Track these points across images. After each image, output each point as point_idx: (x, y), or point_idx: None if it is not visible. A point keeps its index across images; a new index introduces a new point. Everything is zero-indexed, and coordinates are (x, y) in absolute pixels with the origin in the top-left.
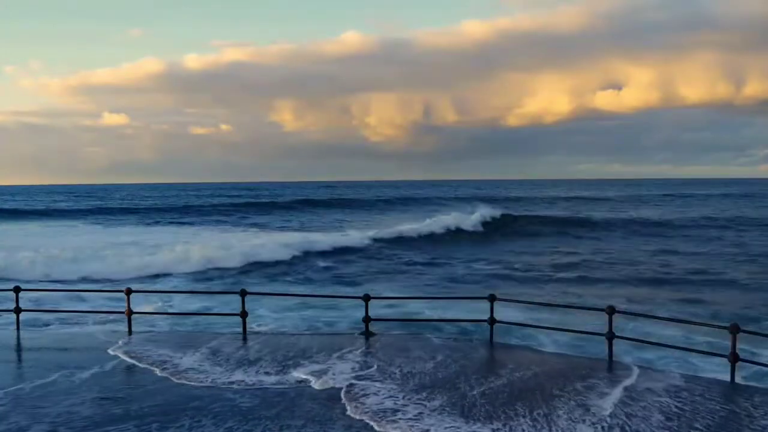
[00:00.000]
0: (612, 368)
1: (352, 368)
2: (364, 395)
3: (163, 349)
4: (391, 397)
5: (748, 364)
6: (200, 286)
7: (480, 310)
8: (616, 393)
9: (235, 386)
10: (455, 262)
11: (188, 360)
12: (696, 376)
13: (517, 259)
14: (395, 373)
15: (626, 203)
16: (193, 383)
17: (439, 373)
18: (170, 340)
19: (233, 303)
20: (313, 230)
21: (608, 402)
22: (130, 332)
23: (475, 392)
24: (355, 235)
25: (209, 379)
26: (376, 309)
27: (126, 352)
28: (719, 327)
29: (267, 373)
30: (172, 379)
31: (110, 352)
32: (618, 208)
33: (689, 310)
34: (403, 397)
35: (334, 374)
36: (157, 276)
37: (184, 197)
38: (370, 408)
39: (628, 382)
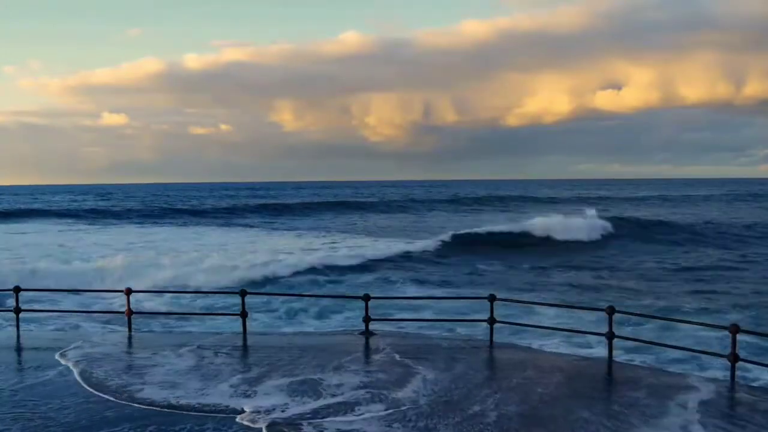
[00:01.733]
0: (635, 375)
1: (346, 384)
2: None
3: (141, 352)
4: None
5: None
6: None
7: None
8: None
9: (178, 412)
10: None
11: (154, 368)
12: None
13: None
14: (390, 389)
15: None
16: (123, 401)
17: (441, 386)
18: (160, 342)
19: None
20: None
21: None
22: (129, 332)
23: (486, 419)
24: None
25: (150, 398)
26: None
27: (84, 355)
28: (719, 327)
29: (234, 394)
30: (101, 395)
31: (57, 357)
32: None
33: None
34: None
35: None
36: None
37: (216, 198)
38: None
39: (674, 397)
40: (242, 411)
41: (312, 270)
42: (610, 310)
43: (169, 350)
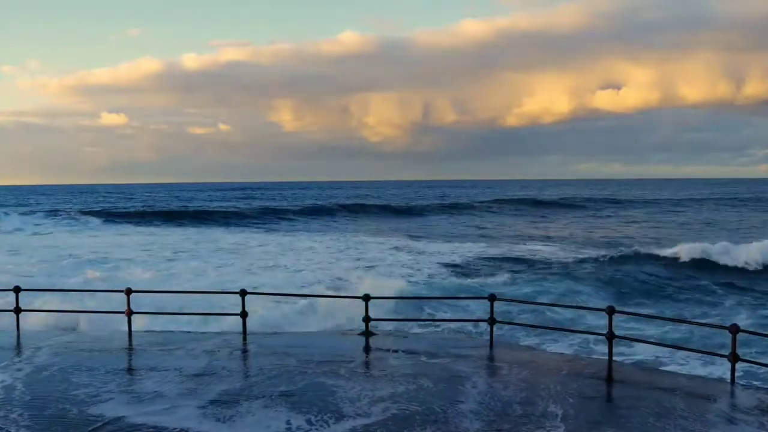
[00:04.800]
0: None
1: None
2: None
3: (123, 354)
4: None
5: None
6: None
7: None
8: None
9: None
10: None
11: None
12: None
13: None
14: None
15: None
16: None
17: (445, 401)
18: (155, 342)
19: None
20: None
21: None
22: (129, 332)
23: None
24: None
25: None
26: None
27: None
28: (719, 327)
29: (207, 415)
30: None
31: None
32: None
33: None
34: None
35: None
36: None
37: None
38: None
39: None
40: None
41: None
42: (610, 310)
43: (157, 352)
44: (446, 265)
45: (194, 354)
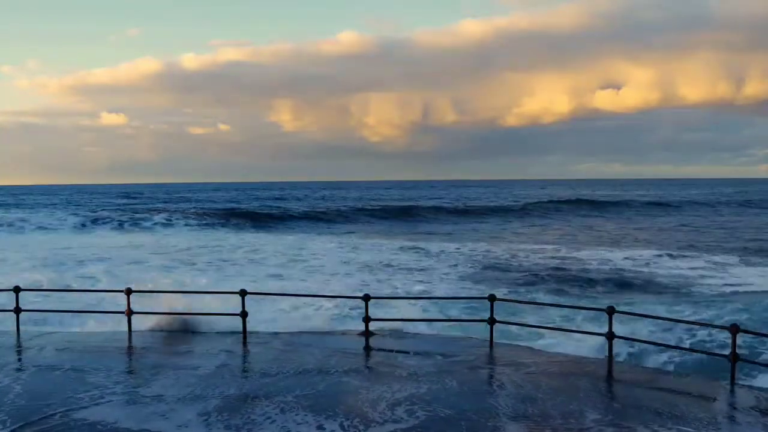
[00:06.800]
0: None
1: None
2: None
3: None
4: None
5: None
6: None
7: None
8: None
9: None
10: None
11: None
12: None
13: None
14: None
15: None
16: None
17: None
18: (156, 343)
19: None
20: None
21: None
22: (129, 332)
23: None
24: None
25: None
26: None
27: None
28: (720, 327)
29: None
30: None
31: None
32: None
33: None
34: None
35: None
36: None
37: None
38: None
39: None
40: None
41: None
42: (610, 311)
43: (158, 352)
44: None
45: (197, 354)
